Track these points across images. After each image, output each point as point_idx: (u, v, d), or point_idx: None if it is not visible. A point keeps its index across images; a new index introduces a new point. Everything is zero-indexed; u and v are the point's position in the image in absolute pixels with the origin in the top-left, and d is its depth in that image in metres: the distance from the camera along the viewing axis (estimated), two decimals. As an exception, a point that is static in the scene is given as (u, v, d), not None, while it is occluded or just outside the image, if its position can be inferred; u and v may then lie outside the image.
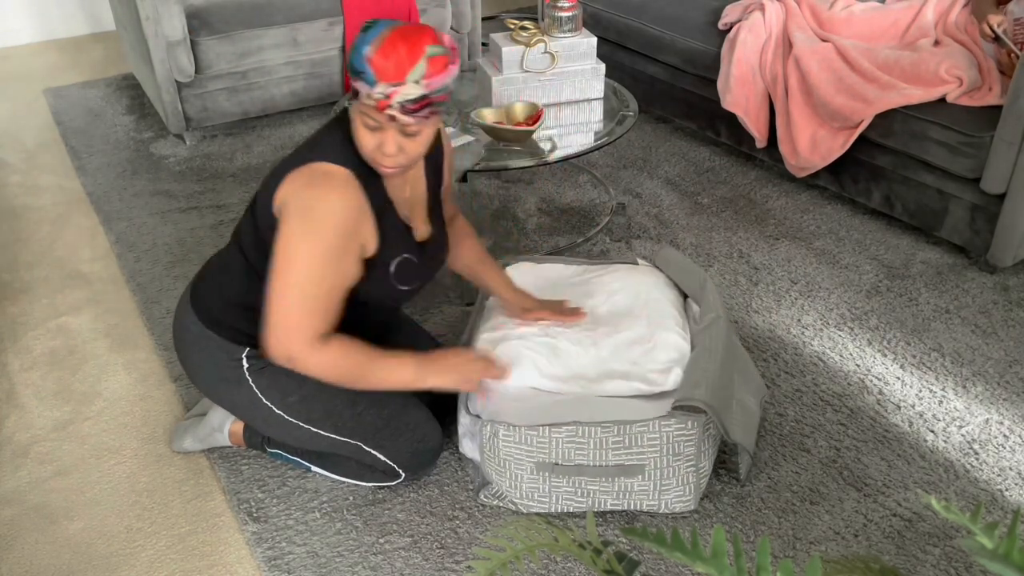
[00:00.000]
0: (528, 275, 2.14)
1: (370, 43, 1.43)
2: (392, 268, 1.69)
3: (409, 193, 1.73)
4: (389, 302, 1.77)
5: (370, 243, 1.63)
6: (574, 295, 2.06)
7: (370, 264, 1.66)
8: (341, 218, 1.54)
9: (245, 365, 1.73)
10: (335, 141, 1.59)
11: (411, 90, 1.43)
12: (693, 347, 1.89)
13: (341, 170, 1.56)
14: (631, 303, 2.01)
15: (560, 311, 1.96)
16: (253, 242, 1.67)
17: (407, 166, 1.57)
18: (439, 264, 1.84)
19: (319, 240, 1.53)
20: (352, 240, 1.58)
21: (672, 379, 1.82)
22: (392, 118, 1.46)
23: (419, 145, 1.53)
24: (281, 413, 1.75)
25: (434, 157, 1.79)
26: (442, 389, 1.72)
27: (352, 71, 1.46)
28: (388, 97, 1.44)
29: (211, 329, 1.73)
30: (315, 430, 1.76)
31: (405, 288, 1.74)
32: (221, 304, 1.73)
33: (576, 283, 2.11)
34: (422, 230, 1.77)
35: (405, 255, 1.70)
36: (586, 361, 1.88)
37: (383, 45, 1.43)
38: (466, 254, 1.98)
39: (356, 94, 1.49)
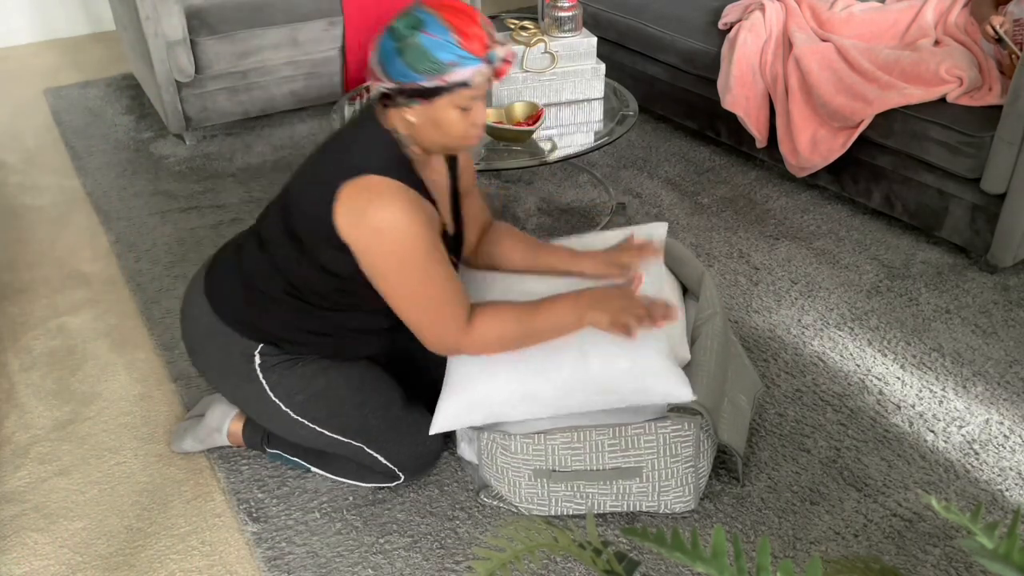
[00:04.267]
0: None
1: (441, 33, 1.43)
2: None
3: (436, 181, 1.72)
4: None
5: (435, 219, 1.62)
6: None
7: None
8: (411, 223, 1.52)
9: (257, 361, 1.71)
10: (373, 146, 1.57)
11: (500, 39, 1.53)
12: (692, 341, 1.88)
13: (386, 181, 1.53)
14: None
15: (633, 249, 1.85)
16: (284, 241, 1.63)
17: None
18: (455, 262, 1.81)
19: (408, 254, 1.54)
20: (430, 228, 1.56)
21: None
22: (501, 74, 1.53)
23: None
24: (288, 411, 1.74)
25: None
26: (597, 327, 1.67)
27: (439, 69, 1.45)
28: (506, 60, 1.51)
29: (227, 324, 1.71)
30: (319, 429, 1.76)
31: None
32: (239, 300, 1.70)
33: None
34: (448, 223, 1.75)
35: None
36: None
37: (452, 27, 1.44)
38: (515, 252, 1.89)
39: (418, 95, 1.48)
